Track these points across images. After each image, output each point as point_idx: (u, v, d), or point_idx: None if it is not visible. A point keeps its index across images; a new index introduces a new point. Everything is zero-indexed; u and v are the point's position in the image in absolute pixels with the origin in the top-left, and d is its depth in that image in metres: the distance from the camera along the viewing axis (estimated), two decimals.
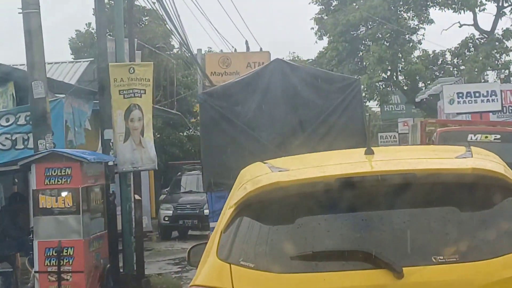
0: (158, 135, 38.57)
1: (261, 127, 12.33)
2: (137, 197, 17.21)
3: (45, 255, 13.97)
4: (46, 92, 15.14)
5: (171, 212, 27.89)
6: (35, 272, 14.04)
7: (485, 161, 4.76)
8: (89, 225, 14.36)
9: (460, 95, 37.97)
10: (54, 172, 13.98)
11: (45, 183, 14.01)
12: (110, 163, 16.33)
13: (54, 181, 13.99)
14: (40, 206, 14.00)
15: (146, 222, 21.72)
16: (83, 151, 15.36)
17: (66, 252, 13.92)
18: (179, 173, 30.34)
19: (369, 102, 50.37)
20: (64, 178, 13.98)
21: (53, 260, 13.91)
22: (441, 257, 4.25)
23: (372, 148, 4.96)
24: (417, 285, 4.17)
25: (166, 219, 27.95)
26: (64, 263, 13.92)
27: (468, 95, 37.89)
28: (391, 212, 4.43)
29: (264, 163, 5.19)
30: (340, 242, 4.43)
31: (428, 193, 4.43)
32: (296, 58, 63.97)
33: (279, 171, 4.80)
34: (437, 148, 6.98)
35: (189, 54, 30.09)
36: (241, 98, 12.50)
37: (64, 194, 14.03)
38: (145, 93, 16.74)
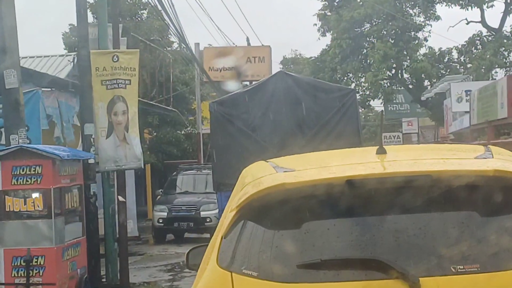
0: (155, 133, 36.88)
1: (266, 133, 13.01)
2: (120, 198, 15.40)
3: (12, 265, 12.22)
4: (20, 81, 13.38)
5: (165, 214, 26.08)
6: (0, 284, 12.24)
7: (507, 162, 4.27)
8: (62, 231, 12.56)
9: (469, 93, 36.14)
10: (23, 170, 12.21)
11: (12, 183, 12.26)
12: (91, 161, 14.55)
13: (23, 181, 12.22)
14: (6, 210, 12.24)
15: (131, 226, 19.88)
16: (56, 147, 13.60)
17: (36, 262, 12.17)
18: (175, 173, 28.52)
19: (373, 100, 48.54)
20: (34, 178, 12.21)
21: (21, 270, 12.17)
22: (461, 267, 3.80)
23: (385, 147, 4.45)
24: None
25: (160, 221, 26.14)
26: (34, 274, 12.16)
27: None
28: (406, 217, 3.96)
29: (267, 161, 4.77)
30: (351, 249, 3.94)
31: (446, 197, 3.95)
32: (299, 56, 62.40)
33: (284, 171, 4.32)
34: (454, 147, 5.86)
35: (185, 47, 28.34)
36: (248, 107, 13.21)
37: (34, 195, 12.24)
38: (130, 83, 14.96)
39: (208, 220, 25.91)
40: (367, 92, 47.45)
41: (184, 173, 28.06)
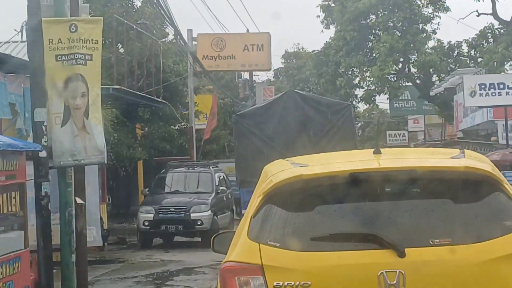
0: (146, 128, 33.80)
1: (279, 140, 15.44)
2: (78, 201, 12.30)
3: None
4: None
5: (151, 215, 23.07)
6: None
7: (475, 161, 5.42)
8: None
9: (483, 86, 33.05)
10: None
11: None
12: (43, 154, 11.54)
13: None
14: None
15: (93, 234, 16.72)
16: None
17: None
18: (163, 170, 25.49)
19: (379, 95, 45.41)
20: None
21: None
22: (437, 240, 4.98)
23: (381, 149, 5.59)
24: (417, 263, 4.90)
25: (146, 223, 23.13)
26: None
27: (492, 86, 32.96)
28: (396, 202, 5.19)
29: (286, 160, 5.88)
30: (352, 226, 5.13)
31: (427, 187, 5.19)
32: (301, 50, 59.30)
33: (301, 166, 5.47)
34: (435, 150, 7.03)
35: (175, 33, 25.33)
36: (264, 119, 15.86)
37: None
38: (91, 59, 11.95)
39: (199, 223, 22.95)
40: (373, 87, 44.37)
41: (174, 171, 25.05)
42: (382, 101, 52.36)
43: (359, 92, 46.91)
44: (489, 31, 43.44)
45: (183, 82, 32.39)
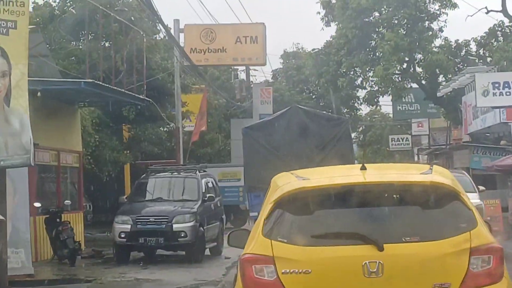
0: (133, 130, 30.64)
1: (284, 151, 16.83)
2: None
3: None
4: None
5: (128, 226, 19.86)
6: None
7: (440, 176, 6.69)
8: None
9: (496, 85, 29.90)
10: None
11: None
12: None
13: None
14: None
15: (22, 259, 13.19)
16: None
17: None
18: (144, 175, 22.28)
19: (382, 97, 42.21)
20: None
21: None
22: (408, 238, 6.28)
23: (366, 165, 6.85)
24: (392, 256, 6.17)
25: (122, 236, 19.91)
26: None
27: (506, 85, 29.86)
28: (377, 208, 6.55)
29: (291, 173, 7.08)
30: (343, 226, 6.45)
31: (401, 197, 6.51)
32: (301, 50, 56.03)
33: (303, 179, 6.74)
34: (410, 166, 8.78)
35: (157, 22, 22.14)
36: (271, 131, 17.41)
37: None
38: (15, 27, 8.77)
39: (182, 235, 19.78)
40: (376, 88, 41.18)
41: (156, 176, 21.85)
42: (386, 103, 49.14)
43: (362, 93, 43.87)
44: (499, 28, 40.36)
45: (171, 79, 29.25)
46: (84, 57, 26.64)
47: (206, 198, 21.01)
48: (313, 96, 53.02)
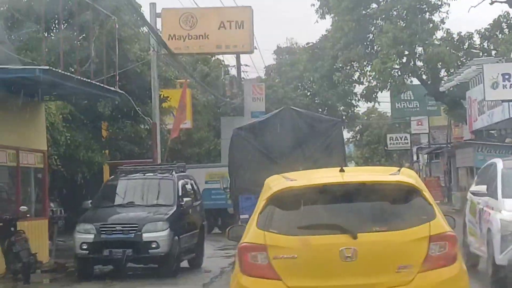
0: (110, 128, 27.51)
1: (276, 152, 16.46)
2: None
3: None
4: None
5: (91, 236, 16.80)
6: None
7: (405, 177, 7.67)
8: None
9: (507, 76, 27.02)
10: None
11: None
12: None
13: None
14: None
15: None
16: None
17: None
18: (112, 177, 19.20)
19: (381, 92, 39.18)
20: None
21: None
22: (377, 228, 7.25)
23: (344, 168, 7.78)
24: (365, 243, 7.09)
25: (84, 247, 16.85)
26: None
27: None
28: (352, 204, 7.45)
29: (281, 176, 7.96)
30: (324, 219, 7.38)
31: (372, 194, 7.38)
32: (295, 45, 52.95)
33: (291, 180, 7.70)
34: (381, 169, 10.67)
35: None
36: (262, 132, 16.92)
37: None
38: None
39: (154, 246, 16.78)
40: (374, 83, 38.18)
41: (125, 177, 18.80)
42: (384, 100, 46.07)
43: (359, 89, 40.95)
44: (504, 20, 37.44)
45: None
46: (55, 48, 23.82)
47: (183, 203, 17.96)
48: (308, 93, 49.98)
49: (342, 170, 7.66)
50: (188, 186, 19.09)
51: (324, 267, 7.14)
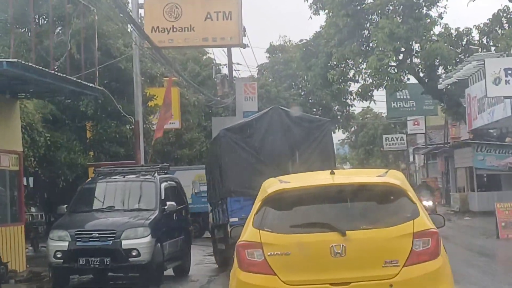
0: (94, 128, 26.01)
1: (265, 153, 16.19)
2: None
3: None
4: None
5: (66, 244, 15.30)
6: None
7: (392, 178, 8.07)
8: None
9: (510, 72, 25.53)
10: None
11: None
12: None
13: None
14: None
15: None
16: None
17: None
18: (89, 179, 17.70)
19: (377, 90, 37.67)
20: None
21: None
22: (365, 226, 7.65)
23: (334, 170, 8.32)
24: (353, 240, 7.49)
25: (59, 255, 15.34)
26: None
27: None
28: (341, 204, 7.82)
29: (276, 178, 8.42)
30: (315, 218, 7.77)
31: (360, 194, 7.86)
32: (288, 43, 51.38)
33: (284, 183, 8.17)
34: (369, 171, 9.90)
35: None
36: (251, 132, 16.57)
37: None
38: None
39: (134, 254, 15.28)
40: (369, 81, 36.69)
41: (103, 180, 17.29)
42: (380, 99, 44.53)
43: (354, 88, 39.46)
44: (504, 14, 35.97)
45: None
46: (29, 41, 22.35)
47: (166, 207, 16.46)
48: (302, 93, 48.43)
49: (332, 173, 8.21)
50: (172, 189, 17.59)
51: (316, 262, 7.57)
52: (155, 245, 15.59)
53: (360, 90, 37.74)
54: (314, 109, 48.66)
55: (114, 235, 15.31)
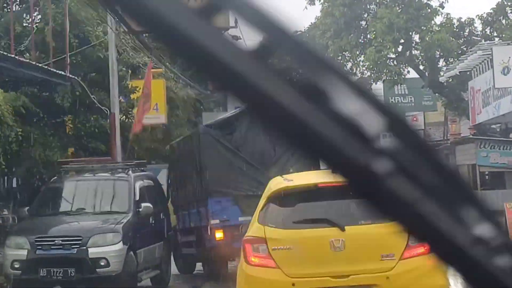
0: (71, 122, 23.81)
1: (247, 151, 15.23)
2: None
3: None
4: None
5: (25, 252, 13.19)
6: None
7: None
8: None
9: None
10: None
11: None
12: None
13: None
14: None
15: None
16: None
17: None
18: (54, 178, 15.53)
19: (375, 83, 35.56)
20: None
21: None
22: (363, 221, 7.85)
23: None
24: (351, 234, 7.80)
25: (16, 265, 13.22)
26: None
27: None
28: (341, 201, 7.97)
29: (281, 177, 8.75)
30: (316, 214, 8.14)
31: None
32: None
33: (288, 181, 8.46)
34: None
35: None
36: (231, 129, 15.57)
37: None
38: None
39: (102, 264, 13.19)
40: (367, 74, 34.56)
41: (71, 179, 15.14)
42: (377, 93, 42.30)
43: None
44: (509, 3, 33.86)
45: (118, 58, 22.55)
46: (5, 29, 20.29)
47: (141, 209, 14.33)
48: None
49: (334, 172, 7.26)
50: (149, 189, 15.47)
51: (316, 256, 7.93)
52: (127, 253, 13.49)
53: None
54: None
55: (79, 242, 13.22)
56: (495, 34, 33.82)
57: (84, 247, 13.14)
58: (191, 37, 1.05)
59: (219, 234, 14.29)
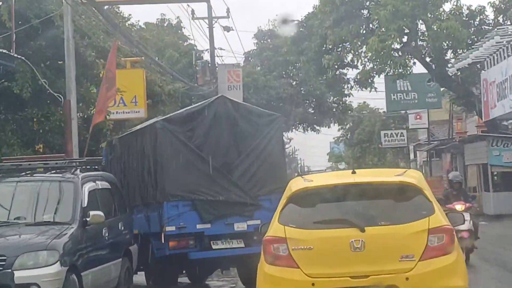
0: (34, 117, 20.42)
1: (209, 150, 13.72)
2: None
3: None
4: None
5: None
6: None
7: (408, 177, 8.38)
8: None
9: None
10: None
11: None
12: None
13: None
14: None
15: None
16: None
17: None
18: None
19: (378, 76, 32.20)
20: None
21: None
22: (383, 222, 7.96)
23: (355, 170, 8.69)
24: (371, 235, 7.80)
25: None
26: None
27: None
28: (362, 202, 8.23)
29: (302, 177, 8.73)
30: (336, 214, 8.06)
31: (379, 192, 8.19)
32: (277, 29, 45.90)
33: (308, 182, 8.49)
34: (387, 170, 11.05)
35: None
36: (193, 126, 13.89)
37: None
38: None
39: None
40: (370, 65, 31.24)
41: (5, 180, 11.77)
42: (379, 91, 38.93)
43: (352, 75, 34.11)
44: None
45: (87, 42, 19.23)
46: None
47: (89, 218, 10.97)
48: (293, 82, 42.91)
49: (354, 172, 8.61)
50: (102, 192, 12.09)
51: (336, 257, 7.90)
52: (68, 276, 10.15)
53: (359, 76, 32.34)
54: (307, 101, 43.12)
55: (3, 263, 9.88)
56: (509, 22, 30.48)
57: (9, 270, 9.82)
58: None
59: (173, 243, 12.96)
